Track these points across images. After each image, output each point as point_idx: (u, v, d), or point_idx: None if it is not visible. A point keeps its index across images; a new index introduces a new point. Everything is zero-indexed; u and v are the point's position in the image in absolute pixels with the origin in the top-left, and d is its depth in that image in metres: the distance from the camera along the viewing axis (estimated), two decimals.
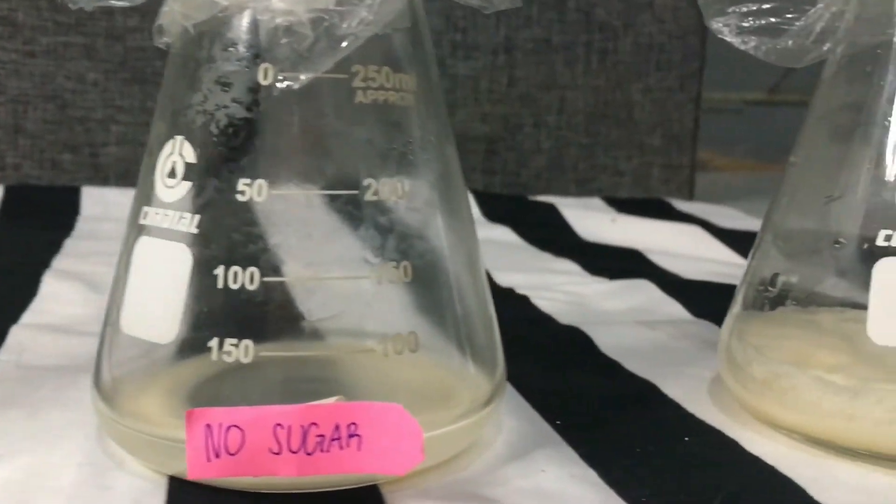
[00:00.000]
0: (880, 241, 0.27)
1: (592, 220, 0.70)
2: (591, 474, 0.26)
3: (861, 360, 0.28)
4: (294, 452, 0.22)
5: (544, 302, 0.46)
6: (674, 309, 0.45)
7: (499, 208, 0.73)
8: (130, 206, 0.26)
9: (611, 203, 0.78)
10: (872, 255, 0.27)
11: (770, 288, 0.30)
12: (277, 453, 0.22)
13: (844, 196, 0.28)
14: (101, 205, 0.69)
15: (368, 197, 0.23)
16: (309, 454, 0.22)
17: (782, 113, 1.40)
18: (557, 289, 0.49)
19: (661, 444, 0.28)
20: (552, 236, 0.66)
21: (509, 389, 0.33)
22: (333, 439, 0.22)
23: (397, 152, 0.24)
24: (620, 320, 0.43)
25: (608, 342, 0.39)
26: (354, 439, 0.22)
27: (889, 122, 0.27)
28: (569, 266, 0.56)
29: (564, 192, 0.81)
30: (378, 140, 0.24)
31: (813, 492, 0.25)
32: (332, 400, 0.22)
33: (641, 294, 0.48)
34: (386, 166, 0.24)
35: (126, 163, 0.75)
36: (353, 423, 0.22)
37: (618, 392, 0.33)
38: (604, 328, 0.41)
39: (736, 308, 0.31)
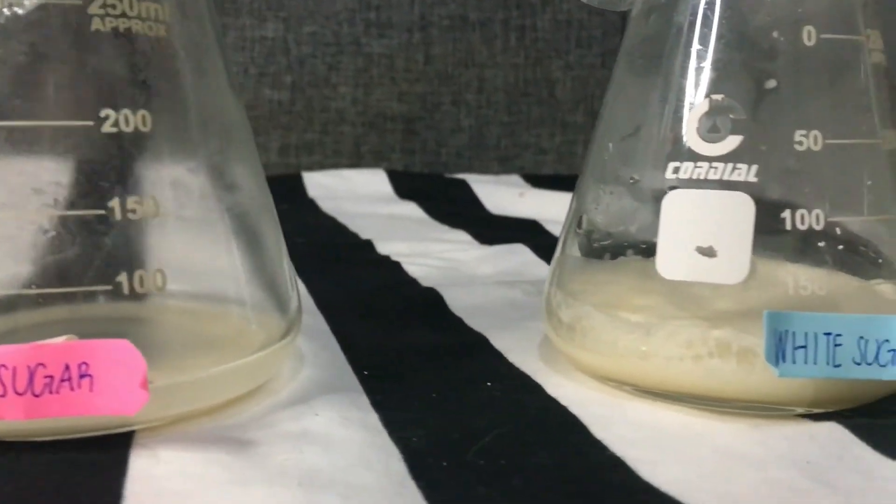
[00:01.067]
0: (669, 174, 0.26)
1: (502, 196, 0.69)
2: (372, 418, 0.25)
3: (661, 298, 0.27)
4: (20, 395, 0.21)
5: (415, 268, 0.45)
6: (543, 270, 0.45)
7: (412, 186, 0.72)
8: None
9: (528, 180, 0.78)
10: (662, 189, 0.26)
11: (577, 230, 0.29)
12: (2, 395, 0.21)
13: (638, 132, 0.28)
14: None
15: (106, 129, 0.22)
16: (36, 396, 0.21)
17: None
18: (436, 256, 0.48)
19: (460, 391, 0.28)
20: (459, 211, 0.65)
21: (330, 345, 0.32)
22: (63, 380, 0.21)
23: (140, 84, 0.23)
24: (483, 282, 0.42)
25: (459, 302, 0.38)
26: (86, 380, 0.21)
27: (680, 57, 0.27)
28: (460, 236, 0.55)
29: (486, 171, 0.80)
30: (119, 71, 0.23)
31: (595, 429, 0.25)
32: (61, 339, 0.21)
33: (515, 258, 0.47)
34: (127, 98, 0.23)
35: None
36: (84, 363, 0.21)
37: (446, 344, 0.33)
38: (461, 289, 0.40)
39: (557, 253, 0.31)
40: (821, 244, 0.26)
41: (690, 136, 0.26)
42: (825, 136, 0.25)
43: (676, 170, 0.26)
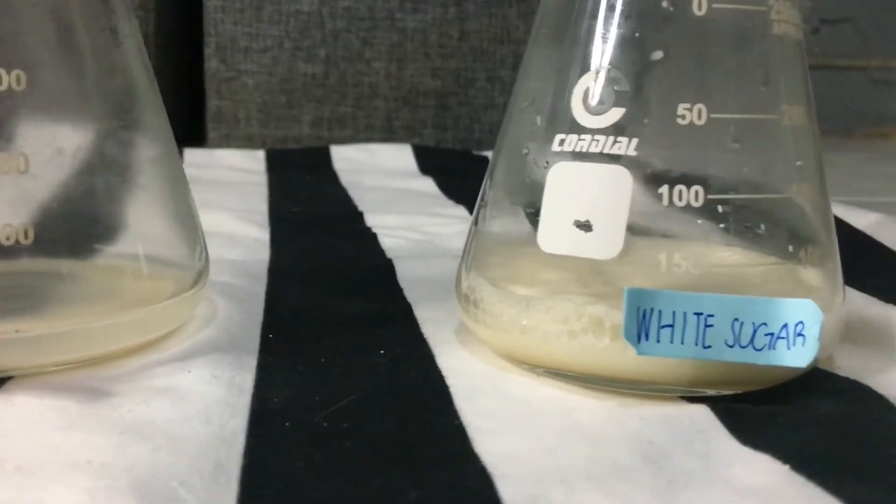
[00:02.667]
0: (555, 147, 0.26)
1: None
2: (246, 378, 0.26)
3: (544, 272, 0.27)
4: None
5: (390, 240, 0.46)
6: None
7: (436, 162, 0.73)
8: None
9: None
10: (549, 161, 0.26)
11: (482, 202, 0.29)
12: None
13: (533, 103, 0.27)
14: None
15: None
16: None
17: None
18: (420, 229, 0.49)
19: (350, 358, 0.28)
20: (475, 187, 0.65)
21: (252, 308, 0.33)
22: None
23: (16, 43, 0.24)
24: (450, 255, 0.42)
25: (410, 273, 0.38)
26: None
27: (573, 27, 0.26)
28: (458, 212, 0.55)
29: None
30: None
31: (458, 399, 0.25)
32: None
33: None
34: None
35: None
36: None
37: (370, 313, 0.33)
38: (420, 261, 0.40)
39: (471, 225, 0.30)
40: (699, 221, 0.25)
41: (576, 107, 0.26)
42: (710, 110, 0.24)
43: (562, 142, 0.26)
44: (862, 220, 0.44)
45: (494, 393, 0.25)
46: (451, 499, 0.19)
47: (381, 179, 0.67)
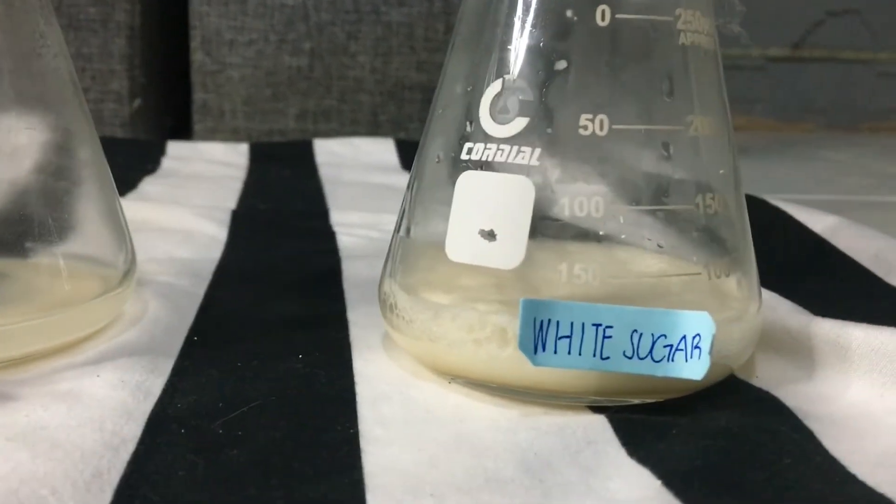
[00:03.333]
0: (463, 155, 0.26)
1: None
2: (156, 383, 0.26)
3: (453, 280, 0.27)
4: None
5: (348, 238, 0.46)
6: None
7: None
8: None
9: None
10: (458, 169, 0.26)
11: (402, 209, 0.29)
12: None
13: (445, 109, 0.27)
14: None
15: None
16: None
17: (807, 70, 1.34)
18: (380, 227, 0.49)
19: (267, 362, 0.28)
20: None
21: (184, 309, 0.33)
22: None
23: None
24: None
25: (355, 275, 0.39)
26: None
27: (484, 33, 0.26)
28: None
29: None
30: None
31: (361, 407, 0.25)
32: None
33: None
34: None
35: None
36: None
37: (303, 316, 0.33)
38: (368, 262, 0.40)
39: (394, 231, 0.30)
40: (601, 232, 0.25)
41: (484, 116, 0.26)
42: (613, 120, 0.24)
43: (470, 150, 0.26)
44: (819, 223, 0.44)
45: (399, 400, 0.26)
46: None
47: (360, 174, 0.67)
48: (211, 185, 0.61)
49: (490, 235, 0.25)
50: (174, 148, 0.74)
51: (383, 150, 0.74)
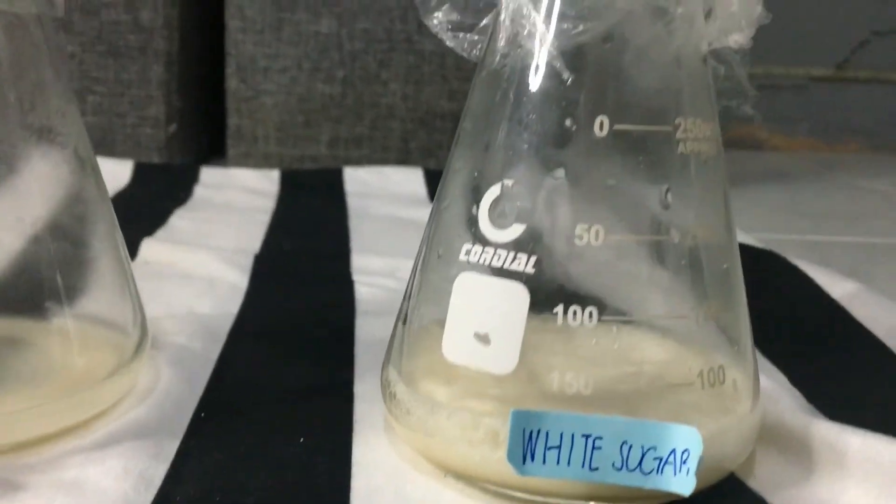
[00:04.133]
0: (462, 256, 0.26)
1: None
2: (159, 470, 0.27)
3: (451, 378, 0.27)
4: None
5: (366, 289, 0.46)
6: None
7: None
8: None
9: None
10: (457, 269, 0.26)
11: (406, 298, 0.29)
12: None
13: (449, 206, 0.28)
14: None
15: None
16: None
17: (851, 90, 1.32)
18: (398, 275, 0.49)
19: (270, 446, 0.29)
20: None
21: (197, 377, 0.34)
22: None
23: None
24: None
25: (368, 335, 0.39)
26: None
27: (487, 134, 0.26)
28: None
29: None
30: None
31: (356, 501, 0.25)
32: None
33: None
34: None
35: (102, 131, 0.79)
36: None
37: (312, 385, 0.34)
38: (381, 321, 0.41)
39: (396, 319, 0.31)
40: (594, 341, 0.25)
41: (483, 219, 0.26)
42: (608, 231, 0.25)
43: (468, 252, 0.26)
44: (839, 288, 0.44)
45: (393, 496, 0.26)
46: None
47: (387, 206, 0.68)
48: (240, 220, 0.62)
49: (485, 339, 0.25)
50: (207, 175, 0.75)
51: (412, 179, 0.75)
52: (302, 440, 0.29)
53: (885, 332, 0.39)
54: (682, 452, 0.24)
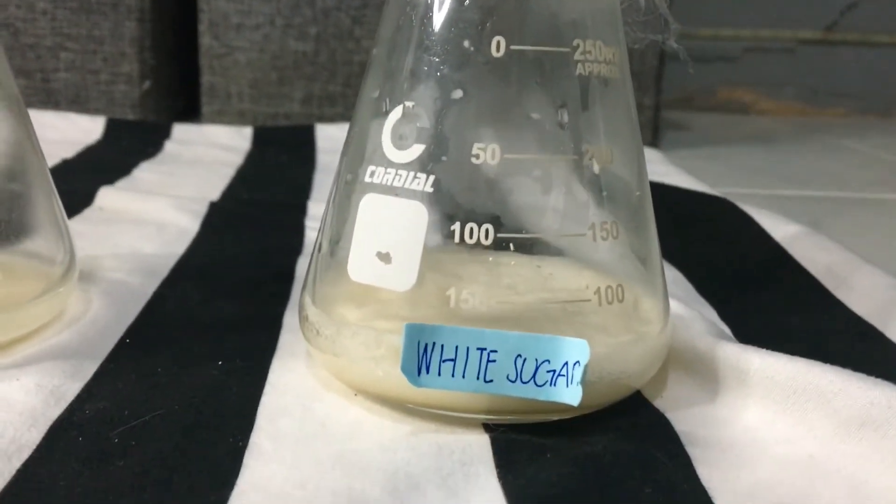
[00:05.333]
0: (366, 178, 0.27)
1: None
2: (72, 388, 0.27)
3: (356, 298, 0.28)
4: None
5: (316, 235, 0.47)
6: None
7: None
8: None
9: None
10: (361, 191, 0.27)
11: (321, 225, 0.30)
12: None
13: (358, 130, 0.28)
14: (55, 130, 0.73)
15: None
16: None
17: (840, 53, 1.31)
18: None
19: (187, 368, 0.29)
20: None
21: (128, 309, 0.34)
22: None
23: None
24: None
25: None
26: None
27: (392, 57, 0.27)
28: None
29: None
30: None
31: (261, 419, 0.26)
32: None
33: None
34: None
35: (76, 88, 0.79)
36: None
37: (243, 318, 0.34)
38: None
39: (313, 246, 0.31)
40: (490, 259, 0.25)
41: (385, 141, 0.26)
42: (504, 150, 0.25)
43: (372, 174, 0.26)
44: (781, 231, 0.44)
45: (300, 413, 0.27)
46: None
47: None
48: (205, 173, 0.62)
49: (386, 258, 0.26)
50: (180, 131, 0.75)
51: None
52: (220, 363, 0.30)
53: (822, 271, 0.40)
54: (574, 364, 0.24)
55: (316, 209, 0.52)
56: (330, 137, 0.75)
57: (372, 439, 0.25)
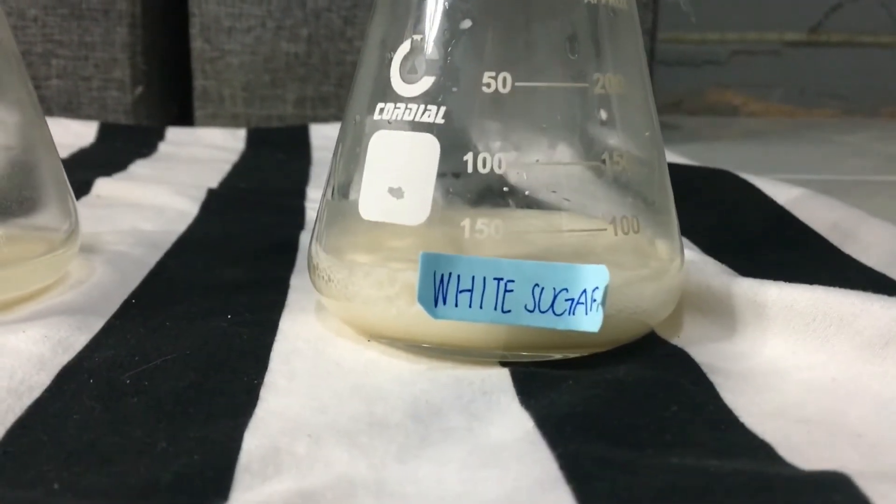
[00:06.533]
0: (376, 115, 0.26)
1: None
2: (80, 339, 0.26)
3: (367, 238, 0.27)
4: None
5: (315, 213, 0.46)
6: None
7: None
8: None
9: None
10: (371, 128, 0.26)
11: (329, 171, 0.29)
12: None
13: (365, 71, 0.28)
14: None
15: None
16: None
17: (825, 54, 1.32)
18: None
19: (195, 322, 0.29)
20: None
21: (132, 275, 0.34)
22: None
23: None
24: None
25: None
26: None
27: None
28: None
29: None
30: None
31: (274, 362, 0.25)
32: None
33: None
34: None
35: (68, 94, 0.79)
36: None
37: (249, 281, 0.34)
38: None
39: (322, 194, 0.31)
40: (504, 188, 0.25)
41: (394, 76, 0.26)
42: (515, 78, 0.25)
43: (382, 110, 0.26)
44: (783, 195, 0.44)
45: (312, 355, 0.26)
46: (195, 449, 0.20)
47: None
48: (200, 167, 0.62)
49: (398, 193, 0.25)
50: (173, 133, 0.75)
51: None
52: (230, 316, 0.29)
53: (827, 228, 0.40)
54: (593, 291, 0.24)
55: (315, 193, 0.52)
56: (325, 136, 0.75)
57: (389, 375, 0.25)
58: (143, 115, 0.81)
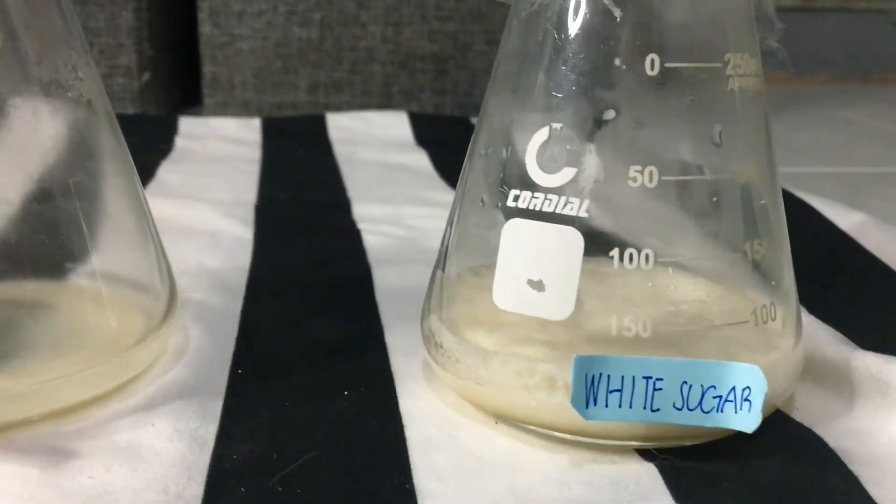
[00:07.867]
0: (510, 202, 0.26)
1: None
2: (209, 430, 0.26)
3: (502, 325, 0.27)
4: None
5: (373, 237, 0.46)
6: None
7: (432, 131, 0.72)
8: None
9: None
10: (504, 215, 0.26)
11: (444, 247, 0.29)
12: None
13: (490, 152, 0.27)
14: None
15: None
16: None
17: (820, 21, 1.32)
18: (403, 223, 0.49)
19: (315, 402, 0.28)
20: None
21: (224, 334, 0.33)
22: None
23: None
24: (424, 261, 0.42)
25: (387, 284, 0.39)
26: None
27: (531, 77, 0.26)
28: (444, 197, 0.55)
29: None
30: None
31: (414, 454, 0.25)
32: None
33: None
34: None
35: None
36: None
37: (342, 339, 0.33)
38: (397, 269, 0.41)
39: (434, 268, 0.30)
40: (650, 284, 0.25)
41: (530, 164, 0.25)
42: (661, 172, 0.24)
43: (517, 198, 0.26)
44: (845, 220, 0.44)
45: (449, 445, 0.26)
46: None
47: (375, 152, 0.67)
48: (228, 171, 0.61)
49: (539, 286, 0.25)
50: (186, 125, 0.73)
51: (396, 124, 0.74)
52: (346, 393, 0.29)
53: (895, 260, 0.40)
54: (743, 390, 0.24)
55: (361, 209, 0.51)
56: (342, 127, 0.73)
57: (537, 473, 0.25)
58: (151, 102, 0.79)
